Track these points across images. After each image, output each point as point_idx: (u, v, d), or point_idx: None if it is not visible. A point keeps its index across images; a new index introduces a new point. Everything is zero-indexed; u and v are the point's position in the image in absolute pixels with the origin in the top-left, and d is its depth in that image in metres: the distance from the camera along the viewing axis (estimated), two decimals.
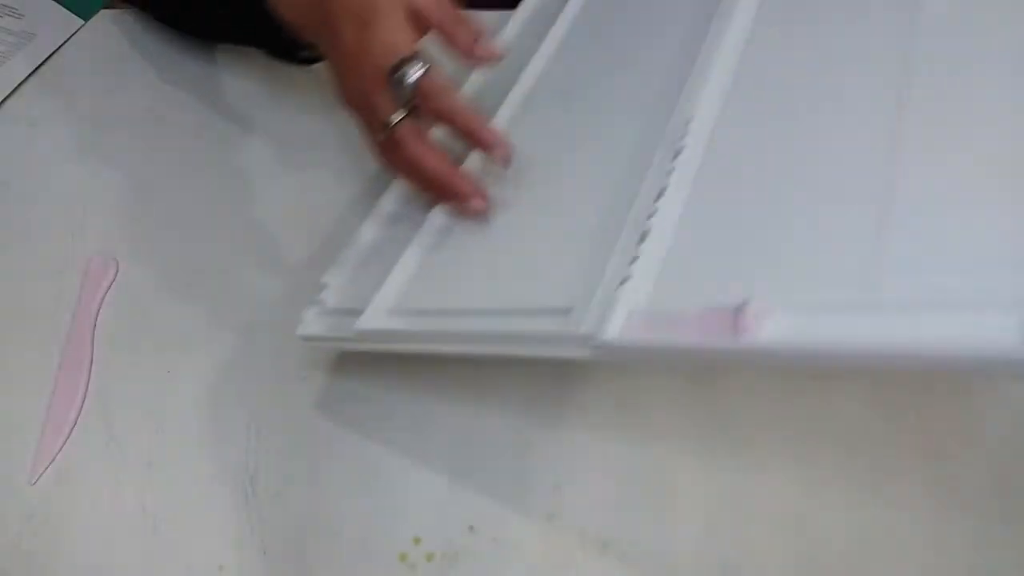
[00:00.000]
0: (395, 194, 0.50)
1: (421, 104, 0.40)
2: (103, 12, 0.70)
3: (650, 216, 0.37)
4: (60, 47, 0.68)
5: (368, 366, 0.48)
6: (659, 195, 0.37)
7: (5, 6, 0.68)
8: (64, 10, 0.69)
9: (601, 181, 0.41)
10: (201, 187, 0.58)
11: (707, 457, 0.43)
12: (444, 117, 0.41)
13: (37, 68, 0.66)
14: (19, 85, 0.65)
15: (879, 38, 0.40)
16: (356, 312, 0.43)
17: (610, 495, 0.43)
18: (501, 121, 0.48)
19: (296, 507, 0.44)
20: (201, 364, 0.49)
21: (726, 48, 0.44)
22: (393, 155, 0.42)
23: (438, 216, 0.45)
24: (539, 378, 0.46)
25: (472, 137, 0.41)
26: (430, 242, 0.45)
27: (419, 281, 0.43)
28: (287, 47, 0.52)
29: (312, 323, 0.47)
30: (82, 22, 0.69)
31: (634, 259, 0.35)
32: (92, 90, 0.65)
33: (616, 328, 0.33)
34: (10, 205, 0.58)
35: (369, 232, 0.49)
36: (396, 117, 0.40)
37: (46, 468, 0.46)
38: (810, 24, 0.43)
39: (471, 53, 0.40)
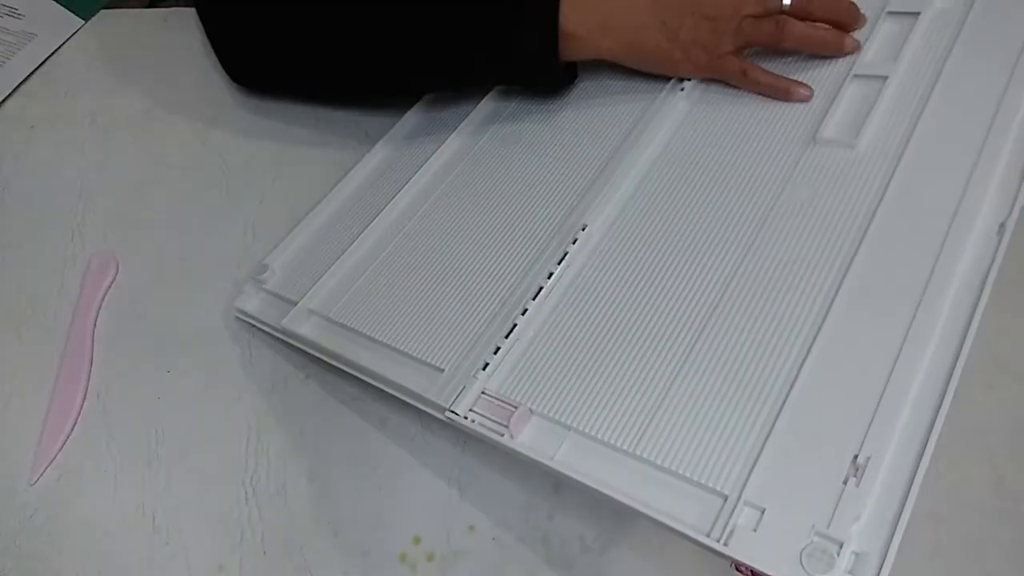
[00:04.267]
0: (346, 189, 0.53)
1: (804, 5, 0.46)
2: (103, 12, 0.70)
3: (523, 312, 0.41)
4: (60, 47, 0.68)
5: None
6: (535, 294, 0.42)
7: (5, 6, 0.68)
8: (64, 10, 0.69)
9: (509, 259, 0.45)
10: (201, 187, 0.58)
11: None
12: (823, 10, 0.47)
13: (37, 68, 0.66)
14: (19, 85, 0.65)
15: (754, 197, 0.43)
16: (288, 301, 0.47)
17: None
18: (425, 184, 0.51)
19: (296, 507, 0.44)
20: (201, 364, 0.49)
21: (635, 167, 0.47)
22: (780, 34, 0.46)
23: (380, 224, 0.49)
24: None
25: (843, 21, 0.47)
26: (366, 250, 0.49)
27: (340, 291, 0.47)
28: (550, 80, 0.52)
29: (250, 299, 0.50)
30: (82, 22, 0.69)
31: (497, 348, 0.40)
32: (92, 90, 0.65)
33: (464, 407, 0.39)
34: (10, 205, 0.59)
35: (318, 218, 0.52)
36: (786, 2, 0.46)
37: (46, 468, 0.46)
38: (702, 170, 0.46)
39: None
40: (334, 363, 0.45)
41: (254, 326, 0.49)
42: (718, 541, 0.32)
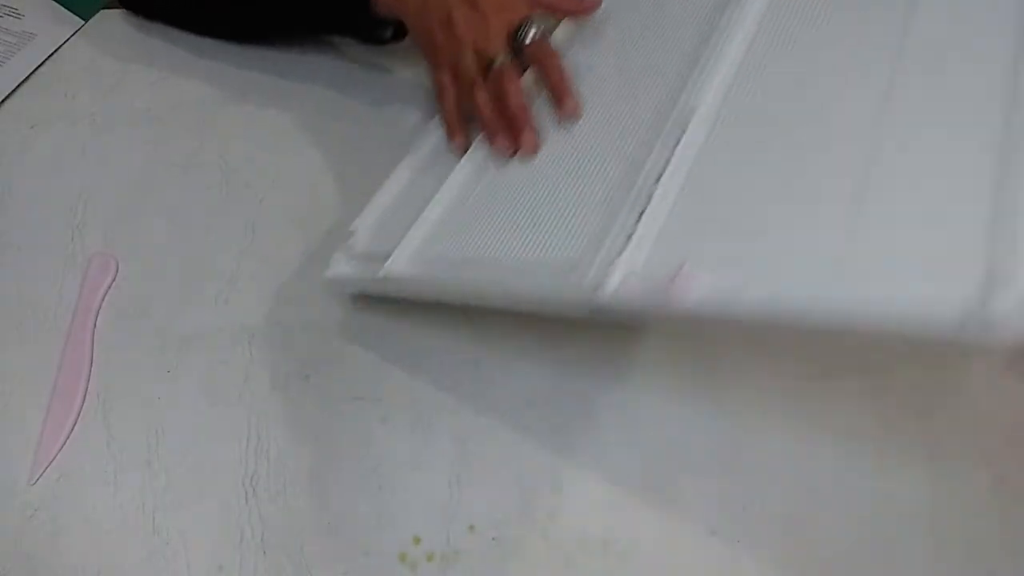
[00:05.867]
0: (423, 150, 0.53)
1: (531, 53, 0.50)
2: (103, 12, 0.70)
3: (651, 192, 0.40)
4: (60, 47, 0.68)
5: (369, 366, 0.48)
6: (660, 174, 0.41)
7: (5, 6, 0.68)
8: (64, 10, 0.69)
9: (617, 152, 0.45)
10: (201, 187, 0.58)
11: (708, 459, 0.43)
12: (544, 66, 0.50)
13: (37, 68, 0.66)
14: (19, 85, 0.65)
15: (874, 37, 0.42)
16: (382, 256, 0.46)
17: (610, 495, 0.43)
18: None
19: (296, 507, 0.44)
20: (201, 364, 0.49)
21: (734, 43, 0.46)
22: (484, 89, 0.50)
23: (464, 169, 0.49)
24: (539, 379, 0.46)
25: (557, 88, 0.49)
26: (454, 194, 0.48)
27: (441, 228, 0.46)
28: (370, 30, 0.58)
29: (340, 265, 0.49)
30: (82, 22, 0.69)
31: (633, 230, 0.39)
32: (92, 90, 0.65)
33: (611, 291, 0.37)
34: (11, 205, 0.59)
35: (397, 182, 0.51)
36: (506, 58, 0.49)
37: (46, 468, 0.46)
38: (810, 26, 0.45)
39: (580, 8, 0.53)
40: (446, 301, 0.44)
41: (349, 292, 0.49)
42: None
